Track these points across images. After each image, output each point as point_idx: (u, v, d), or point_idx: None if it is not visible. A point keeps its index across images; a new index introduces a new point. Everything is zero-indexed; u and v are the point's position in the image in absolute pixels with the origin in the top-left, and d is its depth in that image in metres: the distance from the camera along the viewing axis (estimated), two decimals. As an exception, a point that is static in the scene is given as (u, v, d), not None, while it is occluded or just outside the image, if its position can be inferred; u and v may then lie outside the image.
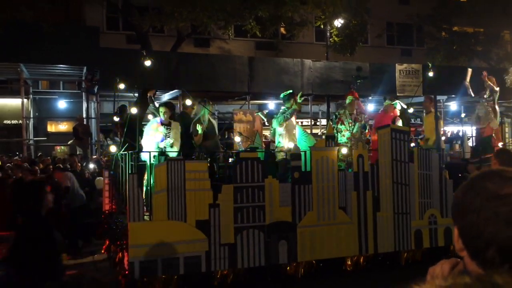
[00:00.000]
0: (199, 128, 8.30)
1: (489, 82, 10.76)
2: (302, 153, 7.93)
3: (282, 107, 8.89)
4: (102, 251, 8.95)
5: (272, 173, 7.90)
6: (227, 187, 7.36)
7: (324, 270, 7.82)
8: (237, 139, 8.26)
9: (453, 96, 16.78)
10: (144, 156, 7.79)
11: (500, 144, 10.43)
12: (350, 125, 8.73)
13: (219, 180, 7.82)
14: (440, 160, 8.76)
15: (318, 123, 19.56)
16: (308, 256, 7.72)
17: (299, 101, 8.72)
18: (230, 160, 9.07)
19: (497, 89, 10.72)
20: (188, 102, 8.54)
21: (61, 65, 15.44)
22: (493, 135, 9.73)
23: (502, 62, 21.66)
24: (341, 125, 8.79)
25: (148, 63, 7.83)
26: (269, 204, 7.50)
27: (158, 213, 6.95)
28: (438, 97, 14.37)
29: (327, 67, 16.63)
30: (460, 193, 1.16)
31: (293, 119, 8.88)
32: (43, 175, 9.91)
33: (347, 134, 8.70)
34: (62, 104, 19.58)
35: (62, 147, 19.22)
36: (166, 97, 14.67)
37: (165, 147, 8.05)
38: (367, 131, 8.95)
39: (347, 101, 9.06)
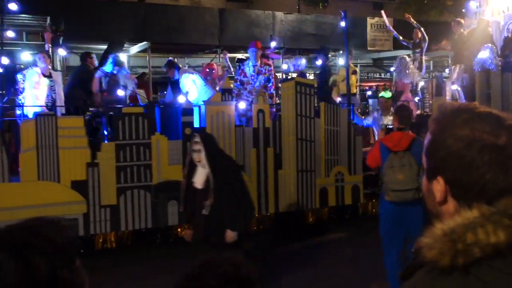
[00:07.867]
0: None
1: (418, 31, 10.32)
2: (195, 108, 7.37)
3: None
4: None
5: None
6: (107, 145, 6.82)
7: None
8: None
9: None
10: None
11: (416, 99, 10.00)
12: (253, 77, 8.16)
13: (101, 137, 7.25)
14: (349, 116, 8.31)
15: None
16: (202, 216, 7.29)
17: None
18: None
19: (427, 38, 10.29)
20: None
21: (23, 15, 14.36)
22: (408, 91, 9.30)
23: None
24: (244, 77, 8.22)
25: (13, 6, 7.07)
26: (156, 162, 6.99)
27: (26, 174, 6.38)
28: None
29: (299, 20, 15.94)
30: (451, 142, 1.09)
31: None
32: None
33: (249, 87, 8.15)
34: (26, 57, 18.43)
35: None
36: (135, 49, 13.87)
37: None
38: (271, 84, 8.37)
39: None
